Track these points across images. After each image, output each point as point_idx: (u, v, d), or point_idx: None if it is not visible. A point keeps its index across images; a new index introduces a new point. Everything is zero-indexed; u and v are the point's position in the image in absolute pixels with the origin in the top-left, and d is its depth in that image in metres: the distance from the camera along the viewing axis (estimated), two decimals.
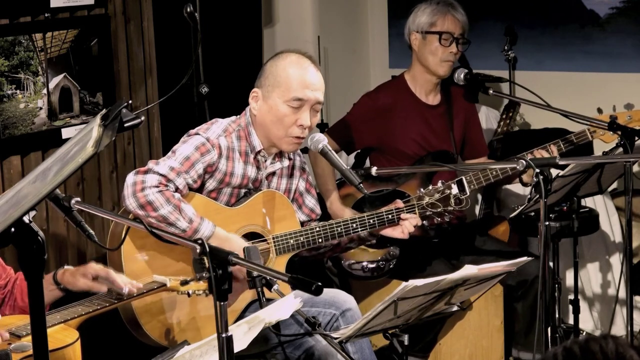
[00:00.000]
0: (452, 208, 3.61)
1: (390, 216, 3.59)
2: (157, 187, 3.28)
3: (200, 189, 3.44)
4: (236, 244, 3.32)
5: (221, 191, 3.47)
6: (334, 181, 4.17)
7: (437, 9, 4.22)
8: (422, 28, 4.23)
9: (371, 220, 3.58)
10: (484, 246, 4.36)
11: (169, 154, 3.41)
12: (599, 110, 4.01)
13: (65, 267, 3.19)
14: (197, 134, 3.44)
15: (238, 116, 3.55)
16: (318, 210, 3.74)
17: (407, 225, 3.59)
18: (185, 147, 3.40)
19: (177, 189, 3.32)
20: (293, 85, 3.42)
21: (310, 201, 3.71)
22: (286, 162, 3.60)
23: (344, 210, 4.06)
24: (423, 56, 4.24)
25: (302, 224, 3.66)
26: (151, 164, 3.34)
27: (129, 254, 3.32)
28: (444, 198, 3.61)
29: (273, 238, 3.50)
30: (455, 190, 3.59)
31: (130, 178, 3.30)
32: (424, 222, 3.66)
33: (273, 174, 3.58)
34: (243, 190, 3.51)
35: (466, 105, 4.38)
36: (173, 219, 3.27)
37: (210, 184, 3.44)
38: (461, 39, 4.21)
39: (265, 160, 3.54)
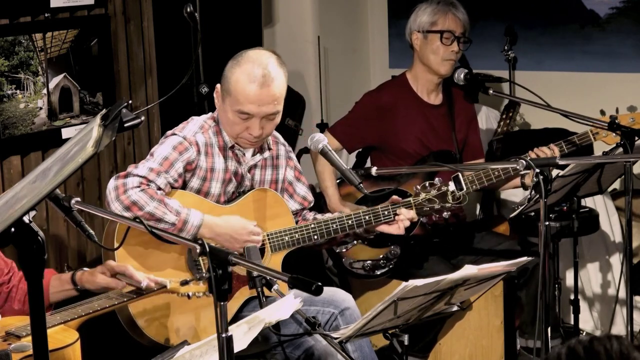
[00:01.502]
0: (449, 204, 3.60)
1: (386, 212, 3.58)
2: (139, 187, 3.28)
3: (183, 189, 3.44)
4: (227, 225, 3.34)
5: (208, 192, 3.46)
6: (333, 178, 4.17)
7: (438, 8, 4.23)
8: (423, 27, 4.23)
9: (367, 217, 3.57)
10: (484, 243, 4.35)
11: (148, 156, 3.41)
12: (602, 112, 4.01)
13: (84, 269, 3.23)
14: (173, 134, 3.45)
15: (213, 112, 3.55)
16: (310, 197, 3.73)
17: (403, 220, 3.58)
18: (163, 147, 3.40)
19: (159, 189, 3.33)
20: (240, 99, 3.38)
21: (302, 189, 3.70)
22: (267, 153, 3.59)
23: (344, 207, 4.05)
24: (424, 55, 4.24)
25: (296, 213, 3.66)
26: (130, 168, 3.35)
27: (123, 254, 3.31)
28: (441, 195, 3.60)
29: (268, 235, 3.50)
30: (452, 187, 3.59)
31: (112, 183, 3.31)
32: (422, 219, 3.65)
33: (255, 166, 3.57)
34: (230, 188, 3.49)
35: (467, 106, 4.38)
36: (160, 214, 3.27)
37: (195, 183, 3.43)
38: (462, 37, 4.21)
39: (244, 154, 3.53)
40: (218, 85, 3.47)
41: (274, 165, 3.63)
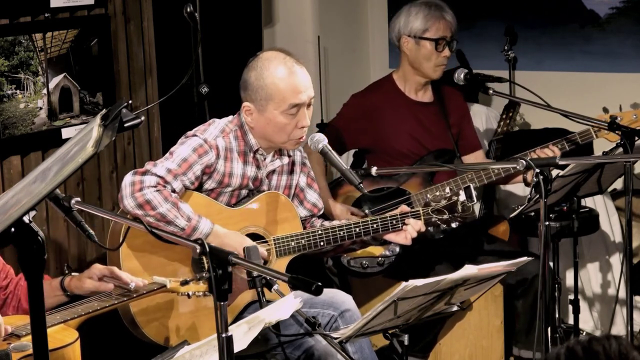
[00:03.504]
0: (458, 215, 3.57)
1: (394, 222, 3.57)
2: (155, 187, 3.29)
3: (199, 190, 3.44)
4: (236, 240, 3.32)
5: (221, 192, 3.47)
6: (324, 179, 4.16)
7: (430, 14, 4.19)
8: (415, 33, 4.21)
9: (374, 225, 3.56)
10: (484, 246, 4.36)
11: (167, 155, 3.41)
12: (605, 110, 4.01)
13: (72, 274, 3.22)
14: (194, 135, 3.44)
15: (234, 116, 3.55)
16: (320, 205, 3.73)
17: (410, 231, 3.57)
18: (183, 148, 3.40)
19: (173, 191, 3.33)
20: (286, 95, 3.40)
21: (313, 196, 3.70)
22: (286, 159, 3.60)
23: (335, 206, 4.05)
24: (417, 61, 4.22)
25: (305, 219, 3.65)
26: (149, 166, 3.35)
27: (128, 253, 3.32)
28: (451, 205, 3.58)
29: (274, 240, 3.49)
30: (462, 197, 3.55)
31: (128, 178, 3.31)
32: (429, 228, 3.63)
33: (273, 171, 3.58)
34: (244, 191, 3.50)
35: (458, 101, 4.38)
36: (172, 217, 3.27)
37: (210, 185, 3.44)
38: (452, 40, 4.21)
39: (265, 159, 3.54)
40: (247, 104, 3.46)
41: (290, 171, 3.63)
